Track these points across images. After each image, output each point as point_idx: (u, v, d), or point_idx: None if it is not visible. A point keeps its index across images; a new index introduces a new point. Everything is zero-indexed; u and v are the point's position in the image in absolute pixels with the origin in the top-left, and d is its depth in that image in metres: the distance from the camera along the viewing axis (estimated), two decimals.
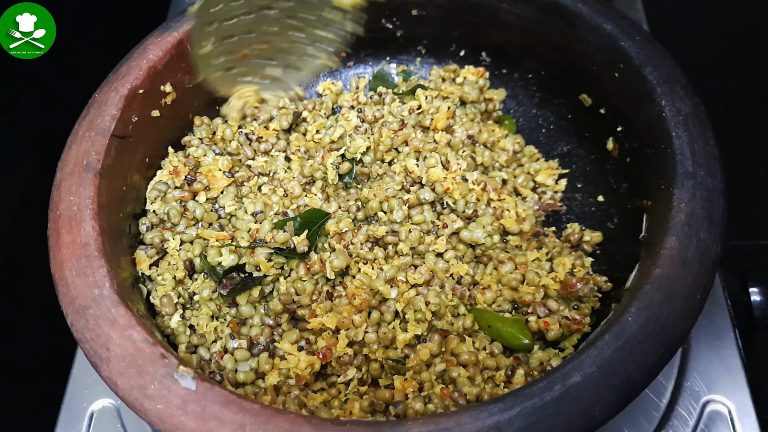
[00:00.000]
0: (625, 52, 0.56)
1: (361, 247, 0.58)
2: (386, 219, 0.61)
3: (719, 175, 0.49)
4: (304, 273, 0.56)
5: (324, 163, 0.63)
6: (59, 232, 0.48)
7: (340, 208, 0.60)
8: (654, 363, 0.42)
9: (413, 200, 0.61)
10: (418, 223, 0.60)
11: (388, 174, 0.62)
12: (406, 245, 0.59)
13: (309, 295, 0.56)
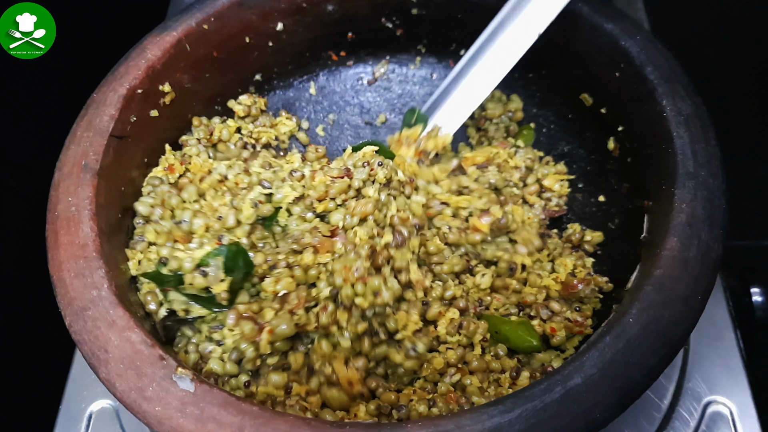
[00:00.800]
0: (626, 52, 0.56)
1: (321, 316, 0.51)
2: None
3: (720, 176, 0.49)
4: (234, 323, 0.51)
5: (242, 198, 0.57)
6: (57, 232, 0.48)
7: (267, 261, 0.54)
8: (655, 364, 0.42)
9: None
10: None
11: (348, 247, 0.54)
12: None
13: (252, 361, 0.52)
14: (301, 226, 0.56)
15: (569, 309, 0.55)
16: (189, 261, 0.52)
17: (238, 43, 0.64)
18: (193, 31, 0.59)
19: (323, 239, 0.54)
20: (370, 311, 0.51)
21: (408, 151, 0.62)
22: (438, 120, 0.63)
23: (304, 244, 0.54)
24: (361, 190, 0.57)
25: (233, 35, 0.63)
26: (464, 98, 0.62)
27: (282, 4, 0.63)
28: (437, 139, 0.61)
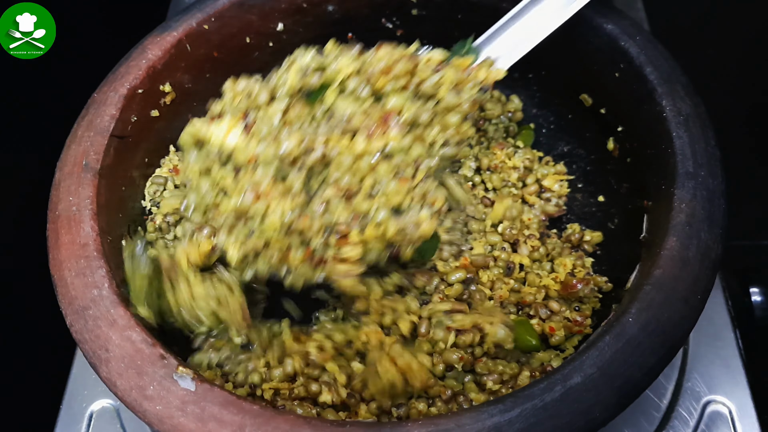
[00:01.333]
0: (626, 52, 0.56)
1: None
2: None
3: (720, 176, 0.49)
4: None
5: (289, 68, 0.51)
6: (58, 232, 0.48)
7: (302, 143, 0.46)
8: (654, 364, 0.42)
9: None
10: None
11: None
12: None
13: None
14: (351, 106, 0.49)
15: (568, 308, 0.55)
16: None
17: (239, 44, 0.64)
18: (194, 31, 0.60)
19: (379, 120, 0.48)
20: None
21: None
22: (491, 54, 0.58)
23: (353, 127, 0.47)
24: (425, 83, 0.51)
25: (233, 35, 0.63)
26: (522, 34, 0.57)
27: (282, 5, 0.64)
28: (490, 71, 0.55)
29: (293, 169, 0.46)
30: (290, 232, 0.45)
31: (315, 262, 0.46)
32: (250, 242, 0.46)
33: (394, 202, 0.46)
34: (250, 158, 0.45)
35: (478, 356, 0.53)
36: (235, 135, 0.46)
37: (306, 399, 0.50)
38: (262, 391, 0.51)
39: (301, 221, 0.45)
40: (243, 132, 0.47)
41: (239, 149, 0.46)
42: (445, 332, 0.53)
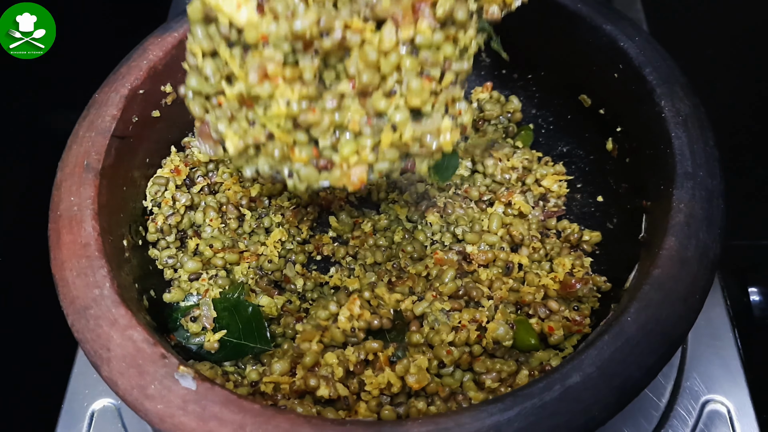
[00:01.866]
0: (625, 53, 0.56)
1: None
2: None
3: (719, 176, 0.49)
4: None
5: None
6: (60, 232, 0.48)
7: (319, 24, 0.40)
8: (653, 363, 0.42)
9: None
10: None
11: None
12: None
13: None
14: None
15: (567, 308, 0.55)
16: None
17: None
18: None
19: (409, 8, 0.41)
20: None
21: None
22: None
23: (382, 11, 0.41)
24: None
25: None
26: None
27: None
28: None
29: (307, 55, 0.41)
30: (296, 125, 0.41)
31: (321, 164, 0.42)
32: (251, 132, 0.42)
33: (415, 103, 0.42)
34: (262, 36, 0.40)
35: (477, 354, 0.53)
36: (246, 10, 0.41)
37: (305, 396, 0.50)
38: (263, 386, 0.51)
39: (309, 115, 0.41)
40: (257, 7, 0.41)
41: (250, 25, 0.40)
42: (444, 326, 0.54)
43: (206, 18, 0.42)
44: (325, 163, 0.42)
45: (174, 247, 0.61)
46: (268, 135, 0.41)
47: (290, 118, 0.41)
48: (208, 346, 0.54)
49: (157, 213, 0.61)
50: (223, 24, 0.41)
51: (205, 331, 0.55)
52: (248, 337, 0.56)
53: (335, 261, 0.64)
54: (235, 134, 0.42)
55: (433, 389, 0.50)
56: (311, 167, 0.42)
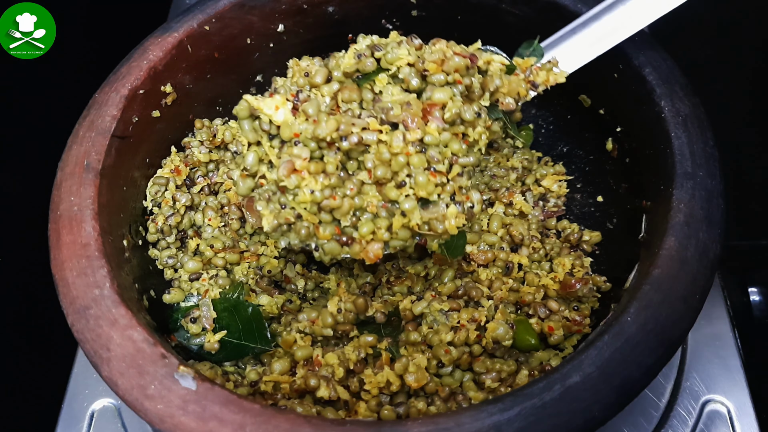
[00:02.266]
0: (625, 53, 0.56)
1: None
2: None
3: (718, 176, 0.49)
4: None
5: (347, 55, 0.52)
6: (60, 232, 0.48)
7: (338, 130, 0.47)
8: (653, 363, 0.42)
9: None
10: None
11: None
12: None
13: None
14: (397, 96, 0.49)
15: (567, 308, 0.55)
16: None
17: (239, 44, 0.64)
18: (195, 32, 0.60)
19: (420, 112, 0.48)
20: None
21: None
22: (556, 56, 0.57)
23: (394, 116, 0.48)
24: (473, 88, 0.51)
25: (234, 36, 0.63)
26: (591, 40, 0.56)
27: (283, 6, 0.64)
28: (551, 73, 0.55)
29: (330, 151, 0.48)
30: (320, 209, 0.47)
31: (343, 240, 0.48)
32: (283, 213, 0.48)
33: (422, 194, 0.47)
34: (294, 134, 0.47)
35: (477, 354, 0.53)
36: (283, 112, 0.49)
37: (305, 396, 0.50)
38: (263, 385, 0.52)
39: (331, 201, 0.47)
40: (292, 110, 0.49)
41: (285, 125, 0.48)
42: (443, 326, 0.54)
43: (251, 115, 0.50)
44: (347, 240, 0.48)
45: (174, 248, 0.61)
46: (297, 216, 0.48)
47: (315, 203, 0.47)
48: (208, 347, 0.54)
49: (158, 213, 0.61)
50: (265, 122, 0.49)
51: (205, 331, 0.55)
52: (248, 337, 0.56)
53: (335, 261, 0.64)
54: (270, 213, 0.49)
55: (432, 389, 0.51)
56: (334, 243, 0.48)
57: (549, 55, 0.58)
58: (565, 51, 0.57)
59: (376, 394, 0.50)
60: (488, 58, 0.52)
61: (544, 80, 0.55)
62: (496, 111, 0.54)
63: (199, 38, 0.60)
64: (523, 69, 0.55)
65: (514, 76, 0.54)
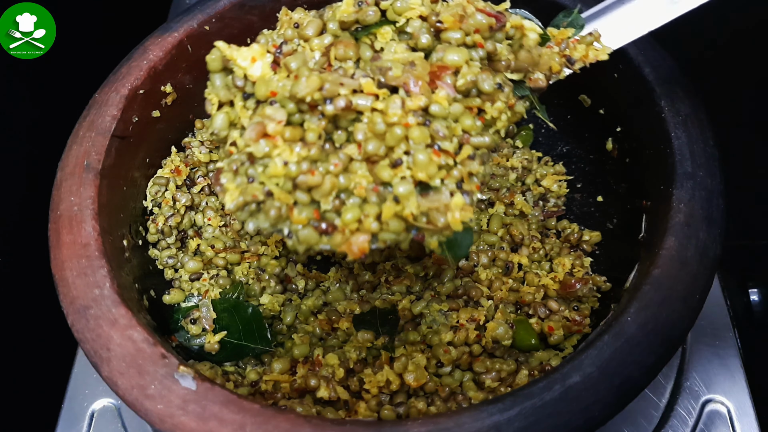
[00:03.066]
0: (625, 53, 0.56)
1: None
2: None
3: (718, 176, 0.49)
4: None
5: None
6: (60, 232, 0.48)
7: (322, 90, 0.39)
8: (653, 363, 0.42)
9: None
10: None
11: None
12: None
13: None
14: (400, 55, 0.41)
15: (567, 308, 0.55)
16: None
17: (240, 44, 0.64)
18: (195, 32, 0.60)
19: (422, 75, 0.40)
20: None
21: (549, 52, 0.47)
22: (599, 29, 0.49)
23: (392, 78, 0.39)
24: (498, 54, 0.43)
25: (234, 36, 0.63)
26: (644, 12, 0.48)
27: (282, 6, 0.64)
28: (591, 48, 0.47)
29: (313, 116, 0.39)
30: (297, 186, 0.39)
31: (322, 228, 0.40)
32: (249, 189, 0.40)
33: (420, 176, 0.39)
34: (271, 93, 0.39)
35: (476, 354, 0.53)
36: (260, 65, 0.41)
37: (306, 396, 0.51)
38: (263, 384, 0.52)
39: (308, 177, 0.39)
40: (272, 63, 0.41)
41: (262, 81, 0.40)
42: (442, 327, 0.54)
43: (225, 68, 0.43)
44: (327, 227, 0.40)
45: (174, 248, 0.61)
46: (267, 193, 0.39)
47: (289, 179, 0.39)
48: (208, 348, 0.54)
49: (158, 213, 0.61)
50: (239, 77, 0.41)
51: (205, 332, 0.55)
52: (248, 337, 0.56)
53: (335, 261, 0.64)
54: (236, 188, 0.40)
55: (432, 388, 0.51)
56: (311, 230, 0.40)
57: (590, 27, 0.50)
58: (610, 24, 0.49)
59: (375, 394, 0.50)
60: (518, 22, 0.44)
61: (583, 56, 0.47)
62: (523, 88, 0.45)
63: (200, 38, 0.60)
64: (559, 41, 0.47)
65: (547, 49, 0.46)
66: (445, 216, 0.39)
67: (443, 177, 0.40)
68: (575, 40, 0.48)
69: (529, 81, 0.45)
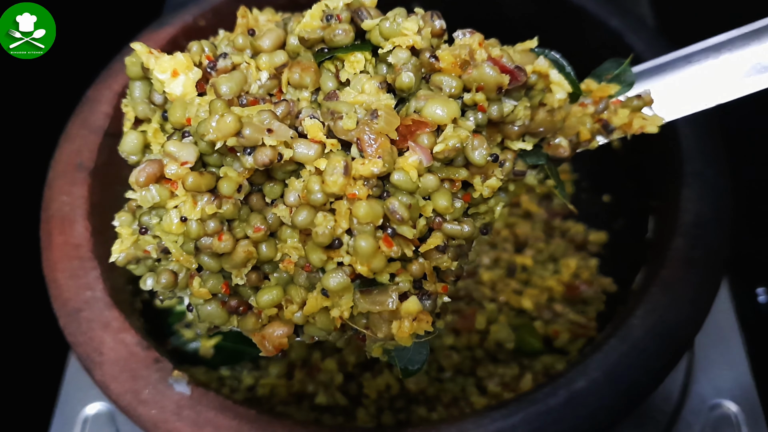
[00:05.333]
0: (632, 48, 0.55)
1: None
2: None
3: (728, 175, 0.48)
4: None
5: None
6: (51, 232, 0.47)
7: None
8: (661, 367, 0.41)
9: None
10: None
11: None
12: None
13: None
14: (362, 97, 0.31)
15: (572, 311, 0.54)
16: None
17: None
18: (190, 27, 0.59)
19: (385, 131, 0.30)
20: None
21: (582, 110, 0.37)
22: (651, 90, 0.38)
23: (341, 131, 0.30)
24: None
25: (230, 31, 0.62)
26: (709, 81, 0.38)
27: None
28: (638, 116, 0.36)
29: (234, 161, 0.31)
30: (201, 249, 0.31)
31: (231, 305, 0.32)
32: (141, 242, 0.33)
33: (361, 270, 0.29)
34: (186, 121, 0.31)
35: (479, 358, 0.52)
36: (182, 81, 0.32)
37: (303, 401, 0.50)
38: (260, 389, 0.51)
39: (214, 241, 0.30)
40: (199, 81, 0.33)
41: (179, 103, 0.32)
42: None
43: (147, 77, 0.34)
44: (236, 305, 0.32)
45: None
46: (163, 249, 0.32)
47: (190, 239, 0.30)
48: (203, 352, 0.53)
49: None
50: (157, 90, 0.33)
51: (199, 336, 0.54)
52: (244, 341, 0.55)
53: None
54: (131, 235, 0.33)
55: (432, 393, 0.50)
56: (217, 305, 0.32)
57: (640, 87, 0.39)
58: (668, 87, 0.39)
59: (375, 399, 0.49)
60: (543, 68, 0.34)
61: (625, 124, 0.36)
62: (537, 154, 0.35)
63: (194, 33, 0.59)
64: (596, 99, 0.37)
65: (578, 107, 0.36)
66: (390, 325, 0.30)
67: (395, 271, 0.30)
68: (618, 101, 0.37)
69: (547, 147, 0.35)
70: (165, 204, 0.30)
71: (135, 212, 0.33)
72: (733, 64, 0.39)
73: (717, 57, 0.39)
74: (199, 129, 0.29)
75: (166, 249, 0.31)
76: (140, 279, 0.34)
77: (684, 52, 0.40)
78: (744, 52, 0.38)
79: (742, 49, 0.39)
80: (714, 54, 0.39)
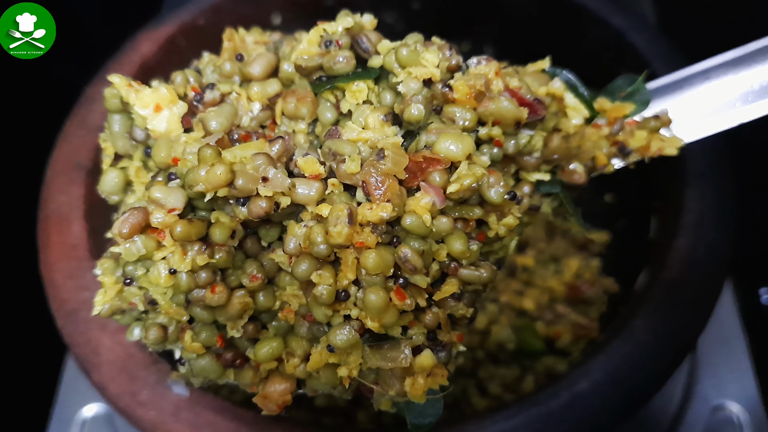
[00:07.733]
0: (633, 48, 0.55)
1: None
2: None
3: (730, 175, 0.48)
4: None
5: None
6: (49, 232, 0.47)
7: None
8: (663, 368, 0.41)
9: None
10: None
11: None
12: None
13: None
14: (368, 134, 0.29)
15: (574, 311, 0.54)
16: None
17: None
18: (188, 25, 0.58)
19: (393, 172, 0.27)
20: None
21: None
22: (670, 110, 0.37)
23: (345, 175, 0.27)
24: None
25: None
26: (729, 98, 0.37)
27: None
28: (656, 137, 0.36)
29: (226, 206, 0.28)
30: (193, 301, 0.29)
31: (227, 359, 0.30)
32: (126, 293, 0.30)
33: (371, 325, 0.27)
34: (173, 161, 0.28)
35: (480, 359, 0.52)
36: (166, 116, 0.30)
37: (303, 403, 0.49)
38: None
39: (206, 293, 0.28)
40: (185, 115, 0.30)
41: (164, 141, 0.29)
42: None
43: (127, 110, 0.31)
44: (232, 358, 0.30)
45: None
46: (150, 301, 0.29)
47: (180, 291, 0.28)
48: None
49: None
50: (139, 125, 0.30)
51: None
52: None
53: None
54: (115, 284, 0.30)
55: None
56: (211, 359, 0.30)
57: (657, 106, 0.36)
58: (686, 105, 0.37)
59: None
60: (558, 92, 0.32)
61: (642, 146, 0.35)
62: (552, 182, 0.34)
63: (193, 31, 0.59)
64: (611, 119, 0.35)
65: (592, 129, 0.34)
66: (403, 382, 0.28)
67: (407, 324, 0.28)
68: (634, 122, 0.35)
69: (561, 173, 0.33)
70: (152, 256, 0.28)
71: (119, 259, 0.29)
72: (753, 80, 0.36)
73: (736, 73, 0.37)
74: (187, 179, 0.26)
75: (154, 300, 0.29)
76: (127, 330, 0.31)
77: (700, 67, 0.37)
78: (764, 67, 0.36)
79: (762, 64, 0.36)
80: (733, 70, 0.37)
